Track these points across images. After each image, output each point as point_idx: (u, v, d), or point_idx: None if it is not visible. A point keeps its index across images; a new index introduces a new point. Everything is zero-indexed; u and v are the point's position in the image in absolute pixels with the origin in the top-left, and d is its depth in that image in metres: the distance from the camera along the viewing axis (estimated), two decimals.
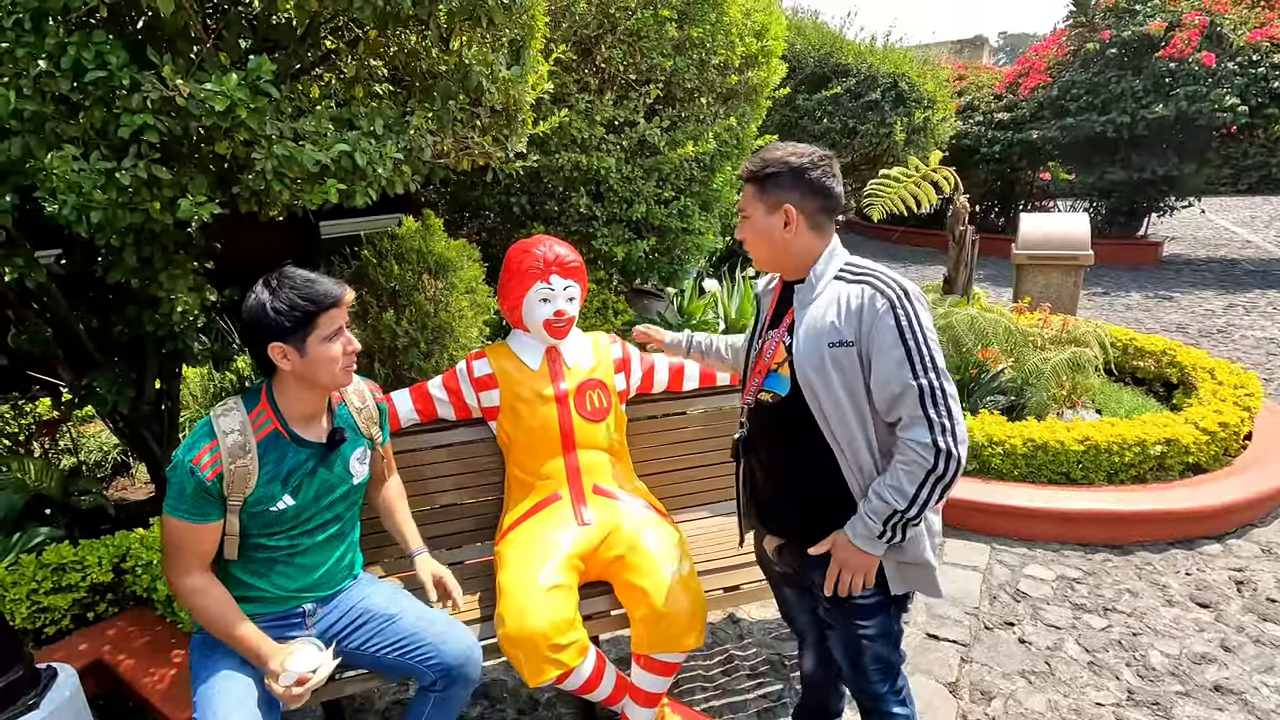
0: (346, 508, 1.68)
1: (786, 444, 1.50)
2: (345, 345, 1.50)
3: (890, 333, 1.32)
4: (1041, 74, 10.03)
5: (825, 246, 1.46)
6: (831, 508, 1.44)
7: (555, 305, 2.00)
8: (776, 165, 1.41)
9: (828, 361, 1.38)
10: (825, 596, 1.48)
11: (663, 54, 3.62)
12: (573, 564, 1.86)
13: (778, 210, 1.42)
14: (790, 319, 1.48)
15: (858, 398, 1.38)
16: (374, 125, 1.94)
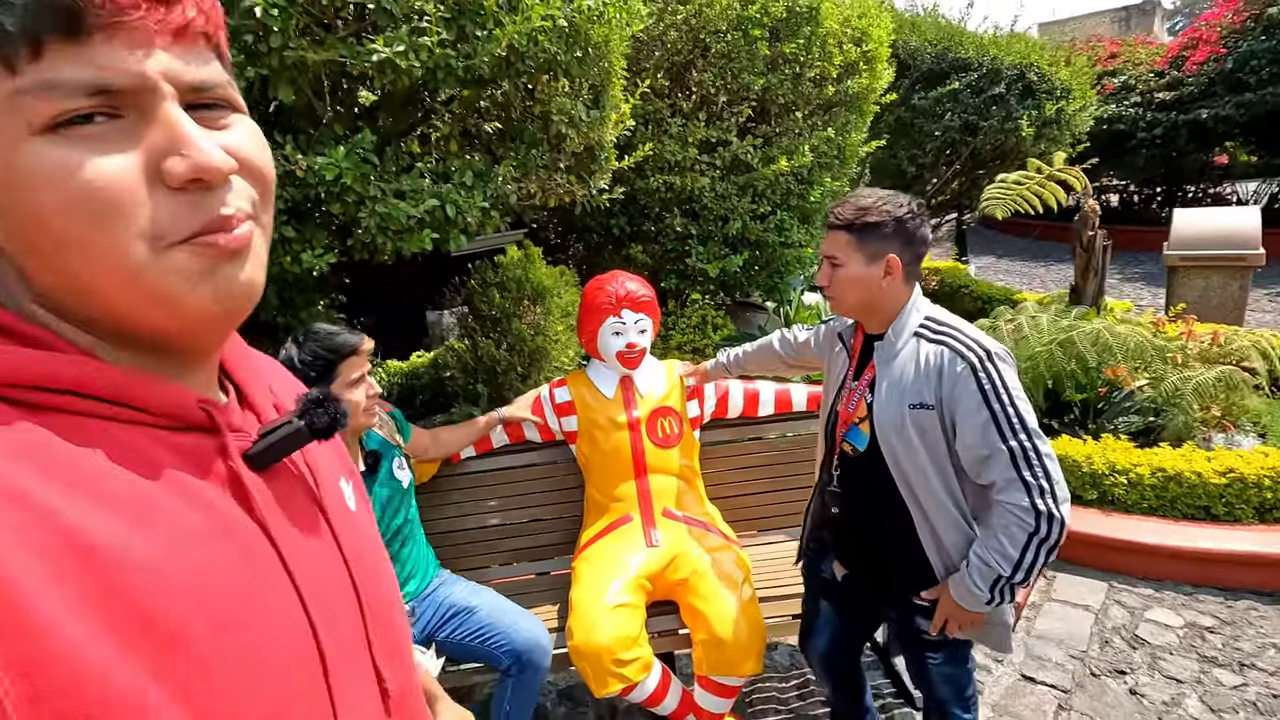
0: (406, 511, 1.91)
1: (864, 496, 1.55)
2: (367, 390, 1.72)
3: (973, 397, 1.33)
4: (1213, 45, 8.88)
5: (909, 299, 1.48)
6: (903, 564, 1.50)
7: (627, 338, 2.11)
8: (878, 215, 1.41)
9: (908, 423, 1.40)
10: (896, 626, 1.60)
11: (754, 73, 3.65)
12: (640, 584, 1.96)
13: (879, 261, 1.42)
14: (872, 374, 1.51)
15: (940, 459, 1.40)
16: (465, 177, 2.16)
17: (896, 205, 1.43)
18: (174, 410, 0.42)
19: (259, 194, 0.44)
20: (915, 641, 1.56)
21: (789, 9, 3.64)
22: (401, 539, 1.88)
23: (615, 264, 4.34)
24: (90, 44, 0.36)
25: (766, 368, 2.11)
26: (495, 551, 2.41)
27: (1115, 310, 4.26)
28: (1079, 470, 3.05)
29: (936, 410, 1.37)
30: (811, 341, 1.90)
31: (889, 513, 1.48)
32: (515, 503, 2.41)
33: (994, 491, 1.32)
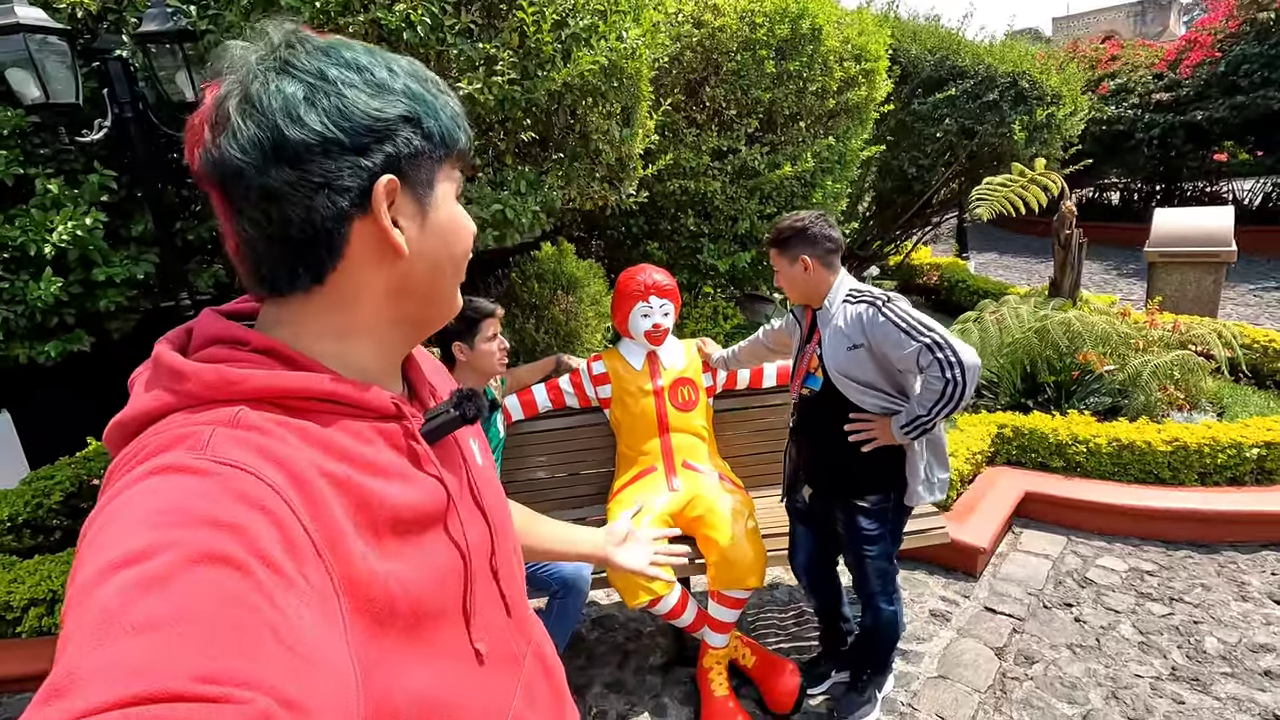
0: (499, 455, 2.35)
1: (820, 424, 2.06)
2: (499, 345, 2.17)
3: (886, 325, 1.87)
4: (1207, 49, 9.18)
5: (835, 280, 1.98)
6: (846, 465, 2.01)
7: (653, 319, 2.56)
8: (787, 231, 2.01)
9: (848, 361, 1.94)
10: (843, 527, 2.08)
11: (761, 88, 4.07)
12: (664, 520, 2.41)
13: (797, 262, 1.99)
14: (818, 336, 2.00)
15: (872, 377, 1.94)
16: (519, 186, 2.61)
17: (799, 220, 2.01)
18: (379, 407, 0.60)
19: None
20: (856, 538, 2.06)
21: (793, 30, 4.06)
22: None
23: (635, 259, 4.79)
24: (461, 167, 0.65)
25: (757, 356, 2.59)
26: (541, 500, 2.86)
27: (1091, 302, 4.66)
28: (1047, 441, 3.47)
29: (865, 346, 1.91)
30: (782, 328, 2.39)
31: (836, 434, 2.00)
32: (557, 459, 2.86)
33: (923, 370, 1.82)
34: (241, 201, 0.54)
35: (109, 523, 0.45)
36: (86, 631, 0.38)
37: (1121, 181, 11.60)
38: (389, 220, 0.57)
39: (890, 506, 2.04)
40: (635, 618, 2.92)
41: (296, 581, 0.45)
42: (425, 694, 0.57)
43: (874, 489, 2.02)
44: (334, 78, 0.54)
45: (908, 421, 1.88)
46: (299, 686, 0.41)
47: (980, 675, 2.42)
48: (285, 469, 0.50)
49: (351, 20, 2.03)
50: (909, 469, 2.00)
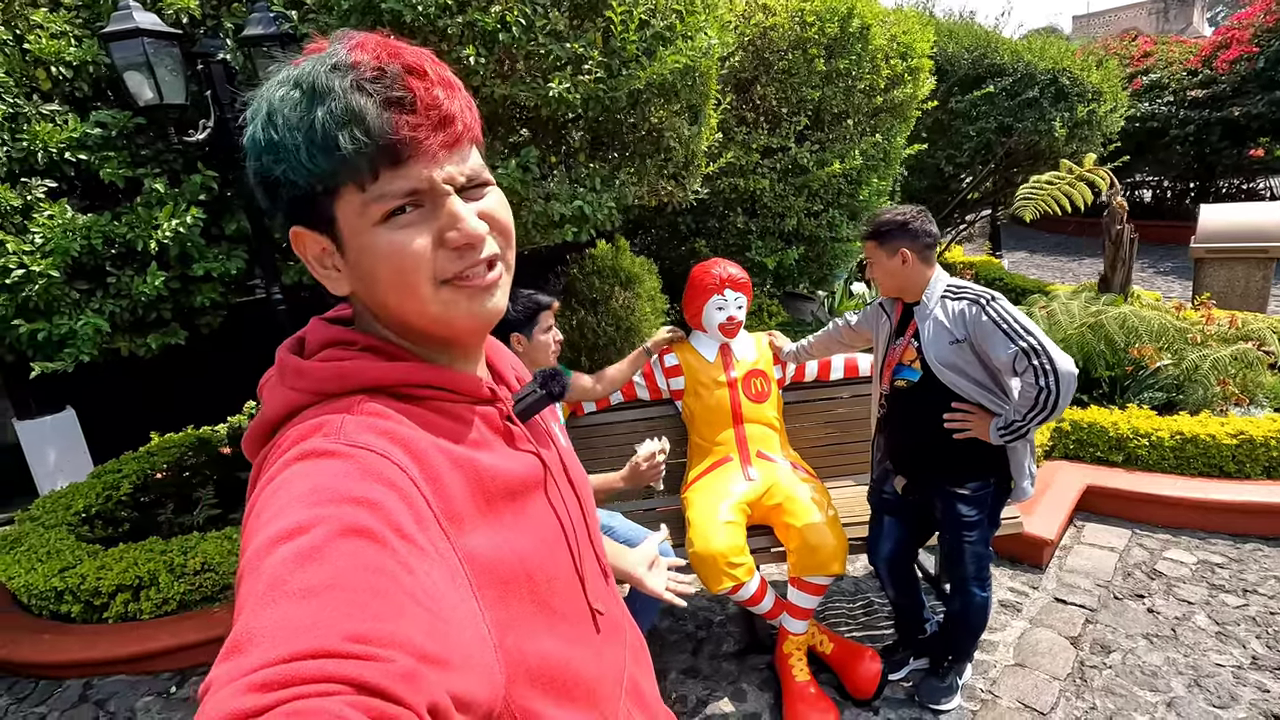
0: None
1: (918, 414, 2.10)
2: (555, 336, 2.23)
3: (988, 324, 1.91)
4: (1245, 44, 9.08)
5: (932, 275, 2.01)
6: (946, 453, 2.05)
7: (728, 312, 2.61)
8: (888, 224, 2.05)
9: (951, 353, 1.97)
10: (941, 514, 2.12)
11: (811, 87, 4.11)
12: (741, 508, 2.45)
13: (896, 255, 2.02)
14: (914, 329, 2.03)
15: (975, 371, 1.98)
16: (595, 182, 2.67)
17: (901, 214, 2.05)
18: (474, 391, 0.66)
19: (503, 243, 0.64)
20: (956, 525, 2.09)
21: (842, 29, 4.10)
22: None
23: (682, 257, 4.84)
24: (404, 166, 0.56)
25: (828, 350, 2.63)
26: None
27: (1142, 298, 4.64)
28: (1106, 435, 3.47)
29: (966, 341, 1.96)
30: (861, 321, 2.43)
31: (935, 424, 2.03)
32: (628, 450, 2.91)
33: (1019, 374, 1.86)
34: None
35: (268, 503, 0.50)
36: (258, 597, 0.43)
37: (1154, 179, 11.48)
38: (314, 265, 0.61)
39: (991, 492, 2.07)
40: (705, 607, 2.96)
41: (428, 550, 0.50)
42: (554, 654, 0.62)
43: (975, 475, 2.05)
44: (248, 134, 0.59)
45: (1004, 426, 1.92)
46: (439, 642, 0.46)
47: (1058, 663, 2.44)
48: (408, 448, 0.55)
49: (450, 22, 2.10)
50: (1014, 464, 2.04)
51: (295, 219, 0.59)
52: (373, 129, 0.54)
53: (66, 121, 2.40)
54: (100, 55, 2.41)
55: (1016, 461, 2.05)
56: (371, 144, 0.54)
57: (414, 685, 0.42)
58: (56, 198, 2.42)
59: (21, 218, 2.35)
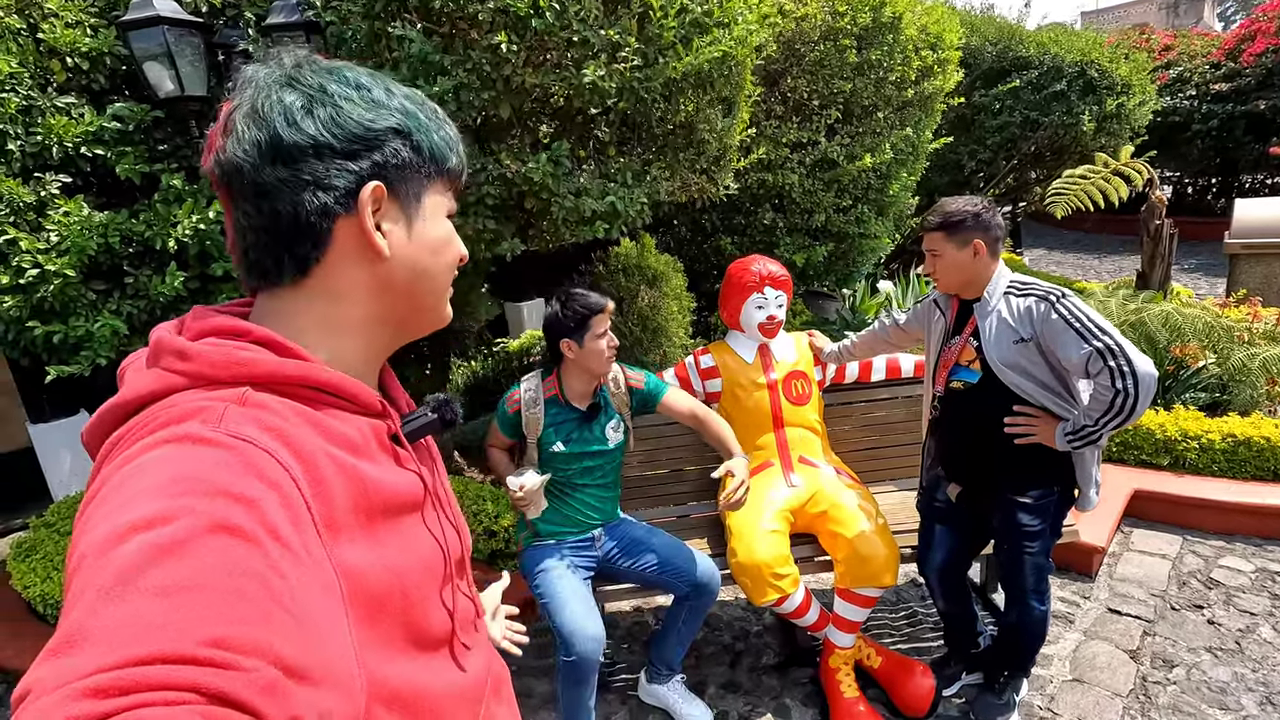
0: (605, 462, 2.28)
1: (977, 417, 1.99)
2: (609, 342, 2.11)
3: (1059, 323, 1.79)
4: (1270, 36, 8.90)
5: (996, 269, 1.93)
6: (1008, 459, 1.93)
7: (768, 311, 2.49)
8: (960, 214, 1.92)
9: (1015, 353, 1.86)
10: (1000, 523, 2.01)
11: (843, 79, 4.00)
12: (785, 516, 2.34)
13: (967, 246, 1.90)
14: (973, 327, 1.93)
15: (1041, 372, 1.87)
16: (626, 177, 2.56)
17: (972, 204, 1.93)
18: (369, 402, 0.63)
19: None
20: (1016, 534, 1.98)
21: (874, 19, 3.98)
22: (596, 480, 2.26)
23: (706, 254, 4.74)
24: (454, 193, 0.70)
25: (873, 350, 2.51)
26: (641, 498, 2.81)
27: (1181, 295, 4.50)
28: (1152, 438, 3.34)
29: (1033, 340, 1.84)
30: (911, 320, 2.31)
31: (996, 428, 1.92)
32: (659, 456, 2.80)
33: (1092, 377, 1.74)
34: (239, 197, 0.59)
35: (121, 487, 0.45)
36: (98, 589, 0.38)
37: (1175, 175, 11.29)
38: (371, 222, 0.61)
39: (1054, 501, 1.96)
40: (740, 617, 2.86)
41: (303, 556, 0.47)
42: (414, 680, 0.60)
43: (1038, 483, 1.94)
44: (333, 92, 0.60)
45: (1073, 431, 1.79)
46: (305, 654, 0.42)
47: (1118, 678, 2.32)
48: (294, 448, 0.52)
49: (480, 7, 2.00)
50: (1080, 472, 1.92)
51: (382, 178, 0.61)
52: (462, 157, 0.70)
53: (83, 115, 2.31)
54: (117, 45, 2.32)
55: (1083, 469, 1.93)
56: (462, 165, 0.70)
57: (275, 699, 0.39)
58: (72, 194, 2.33)
59: (36, 215, 2.26)
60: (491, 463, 2.31)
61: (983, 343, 1.92)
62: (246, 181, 0.58)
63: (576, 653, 1.95)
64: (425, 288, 0.66)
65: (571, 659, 1.96)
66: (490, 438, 2.30)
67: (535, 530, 2.23)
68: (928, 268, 2.05)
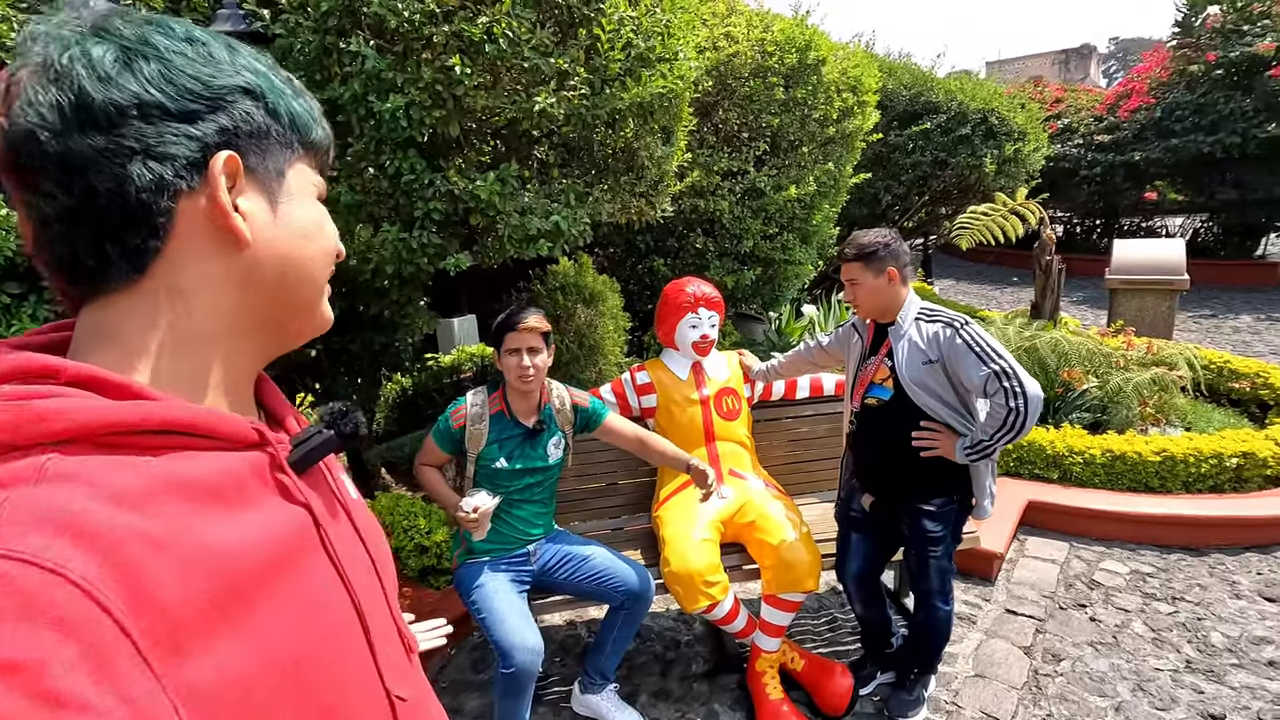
0: (546, 478, 2.34)
1: (888, 432, 2.15)
2: (518, 362, 2.11)
3: (961, 347, 2.00)
4: (1143, 95, 9.96)
5: (908, 296, 2.10)
6: (914, 470, 2.12)
7: (701, 330, 2.63)
8: (873, 245, 2.12)
9: (923, 373, 2.02)
10: (907, 529, 2.19)
11: (771, 114, 4.24)
12: (715, 526, 2.46)
13: (883, 274, 2.09)
14: (887, 349, 2.11)
15: (944, 392, 2.06)
16: (569, 198, 2.66)
17: (883, 236, 2.14)
18: (236, 434, 0.50)
19: None
20: (922, 539, 2.17)
21: (800, 60, 4.25)
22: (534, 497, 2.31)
23: (640, 275, 4.87)
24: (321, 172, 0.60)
25: (798, 370, 2.70)
26: (575, 511, 2.87)
27: (1068, 324, 4.96)
28: (1044, 453, 3.67)
29: (939, 362, 2.05)
30: (832, 343, 2.50)
31: (904, 442, 2.11)
32: (593, 470, 2.88)
33: (989, 396, 1.96)
34: (39, 176, 0.45)
35: None
36: None
37: (1065, 216, 12.37)
38: (228, 200, 0.49)
39: (954, 509, 2.16)
40: (670, 627, 2.94)
41: (109, 711, 0.35)
42: None
43: (940, 492, 2.13)
44: (157, 43, 0.48)
45: (971, 445, 2.00)
46: None
47: (1014, 673, 2.54)
48: (104, 552, 0.38)
49: (436, 30, 2.06)
50: (976, 484, 2.13)
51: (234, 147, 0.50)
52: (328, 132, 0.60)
53: None
54: None
55: (979, 480, 2.14)
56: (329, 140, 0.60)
57: None
58: None
59: None
60: (423, 480, 2.28)
61: (895, 363, 2.12)
62: (48, 155, 0.44)
63: (516, 664, 1.99)
64: (298, 281, 0.55)
65: (511, 670, 1.99)
66: (424, 455, 2.28)
67: (470, 547, 2.26)
68: (848, 295, 2.24)
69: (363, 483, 4.08)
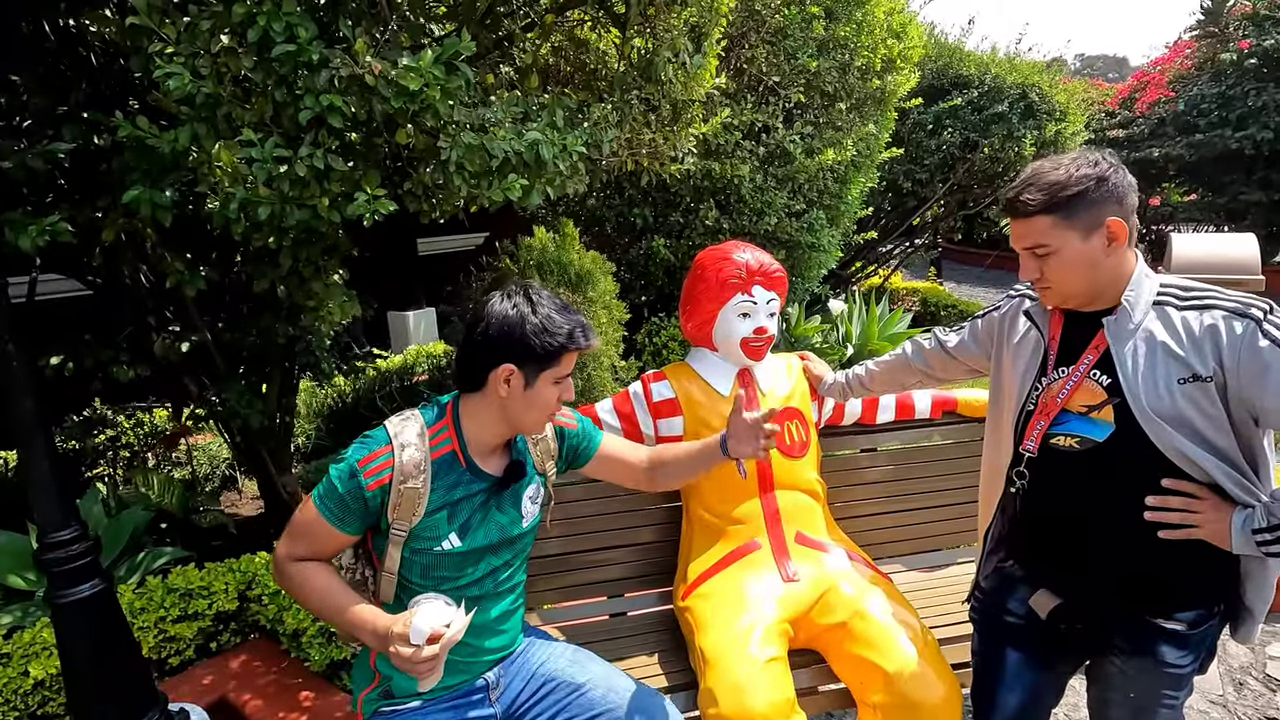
0: (516, 554, 1.42)
1: (1099, 495, 1.27)
2: (564, 393, 1.30)
3: (1270, 353, 1.11)
4: (1162, 89, 9.35)
5: (1138, 263, 1.25)
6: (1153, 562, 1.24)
7: (756, 321, 1.72)
8: (1080, 182, 1.19)
9: (1179, 398, 1.17)
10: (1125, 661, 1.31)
11: (807, 54, 3.36)
12: (782, 629, 1.55)
13: (1099, 230, 1.19)
14: (1098, 353, 1.27)
15: (1215, 432, 1.18)
16: (554, 116, 1.72)
17: (1092, 164, 1.20)
18: None
19: None
20: (1152, 679, 1.28)
21: None
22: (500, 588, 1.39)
23: (635, 259, 3.95)
24: None
25: (900, 385, 1.80)
26: (558, 587, 1.93)
27: None
28: None
29: (1215, 380, 1.16)
30: (966, 340, 1.60)
31: (1132, 511, 1.22)
32: (582, 528, 1.94)
33: None
34: None
35: None
36: None
37: None
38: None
39: (1213, 627, 1.27)
40: None
41: None
42: None
43: (1194, 600, 1.24)
44: None
45: (1269, 526, 1.11)
46: None
47: None
48: None
49: None
50: (1251, 588, 1.25)
51: None
52: None
53: None
54: None
55: (1264, 580, 1.25)
56: None
57: None
58: None
59: None
60: (302, 587, 1.25)
61: (1122, 379, 1.21)
62: None
63: None
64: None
65: None
66: (297, 542, 1.26)
67: (387, 686, 1.31)
68: (1030, 273, 1.29)
69: (276, 515, 3.10)
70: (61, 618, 1.56)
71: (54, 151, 1.71)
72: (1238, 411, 1.16)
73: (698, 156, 3.39)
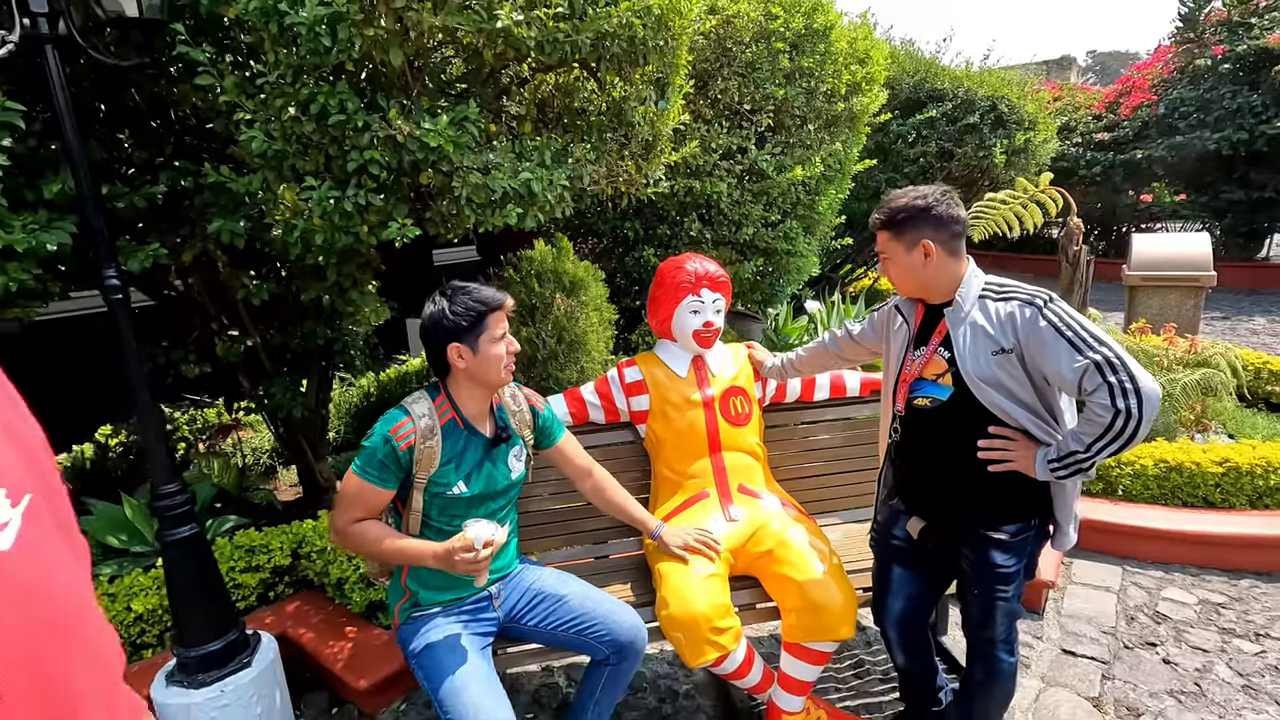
0: (508, 500, 1.86)
1: (944, 441, 1.71)
2: (508, 345, 1.72)
3: (1048, 331, 1.52)
4: (1145, 92, 9.68)
5: (965, 270, 1.67)
6: (982, 489, 1.66)
7: (704, 316, 2.16)
8: (906, 210, 1.64)
9: (994, 366, 1.59)
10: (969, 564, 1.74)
11: (775, 84, 3.80)
12: (724, 557, 1.99)
13: (916, 248, 1.64)
14: (942, 336, 1.70)
15: (1021, 390, 1.59)
16: (543, 157, 2.18)
17: (921, 196, 1.65)
18: None
19: None
20: (989, 576, 1.70)
21: (807, 25, 3.82)
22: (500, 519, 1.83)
23: (627, 267, 4.39)
24: None
25: (822, 366, 2.23)
26: (553, 536, 2.38)
27: (1096, 320, 4.55)
28: None
29: (1015, 351, 1.57)
30: (866, 330, 2.03)
31: (967, 453, 1.65)
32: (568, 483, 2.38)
33: (1087, 394, 1.47)
34: None
35: None
36: None
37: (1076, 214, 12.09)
38: None
39: (1031, 536, 1.70)
40: (667, 675, 2.46)
41: None
42: None
43: (1013, 516, 1.67)
44: None
45: (1059, 457, 1.53)
46: None
47: None
48: None
49: None
50: (1059, 505, 1.67)
51: None
52: None
53: None
54: None
55: (1063, 501, 1.68)
56: None
57: None
58: None
59: None
60: (362, 543, 1.66)
61: (955, 354, 1.65)
62: None
63: None
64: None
65: None
66: (350, 509, 1.66)
67: (416, 598, 1.77)
68: (882, 270, 1.78)
69: (313, 499, 3.57)
70: (169, 553, 2.02)
71: (153, 193, 2.19)
72: (1035, 375, 1.59)
73: (681, 176, 3.85)
